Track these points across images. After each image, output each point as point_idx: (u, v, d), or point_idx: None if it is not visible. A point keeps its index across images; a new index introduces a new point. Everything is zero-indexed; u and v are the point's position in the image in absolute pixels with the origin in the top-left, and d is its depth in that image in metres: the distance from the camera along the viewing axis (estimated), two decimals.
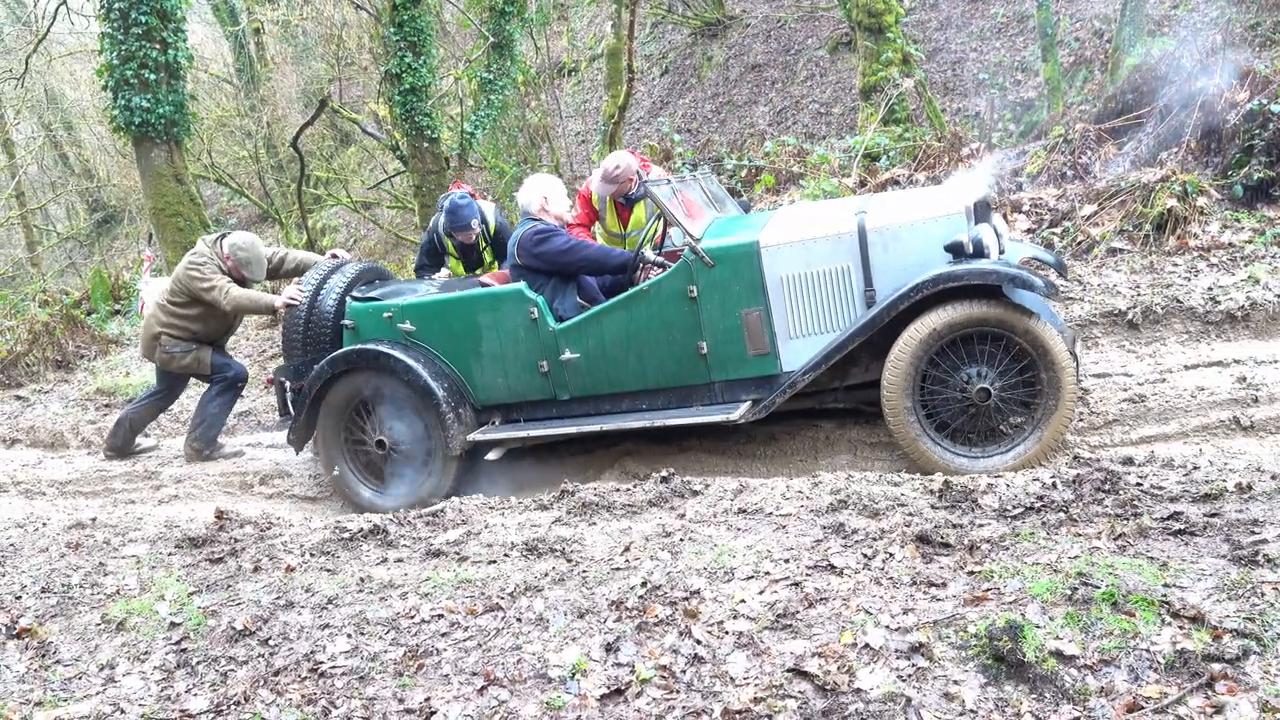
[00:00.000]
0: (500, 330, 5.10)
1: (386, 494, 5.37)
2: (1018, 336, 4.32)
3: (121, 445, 6.87)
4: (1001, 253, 4.56)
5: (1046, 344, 4.29)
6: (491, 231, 6.33)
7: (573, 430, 5.01)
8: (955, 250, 4.40)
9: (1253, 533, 2.89)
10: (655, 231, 5.29)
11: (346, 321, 5.44)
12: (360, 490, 5.43)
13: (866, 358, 4.67)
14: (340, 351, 5.35)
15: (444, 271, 6.35)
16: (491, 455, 5.26)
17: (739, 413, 4.66)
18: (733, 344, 4.76)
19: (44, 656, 3.20)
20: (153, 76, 10.59)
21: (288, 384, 5.61)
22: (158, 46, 10.61)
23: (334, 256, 6.12)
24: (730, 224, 5.11)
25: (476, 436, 5.16)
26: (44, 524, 4.88)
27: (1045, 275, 4.89)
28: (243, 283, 6.32)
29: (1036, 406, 4.39)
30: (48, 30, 13.84)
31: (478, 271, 6.41)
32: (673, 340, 4.83)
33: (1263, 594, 2.52)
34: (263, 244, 6.48)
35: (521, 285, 5.09)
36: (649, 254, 5.13)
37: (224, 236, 6.36)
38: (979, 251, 4.37)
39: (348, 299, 5.51)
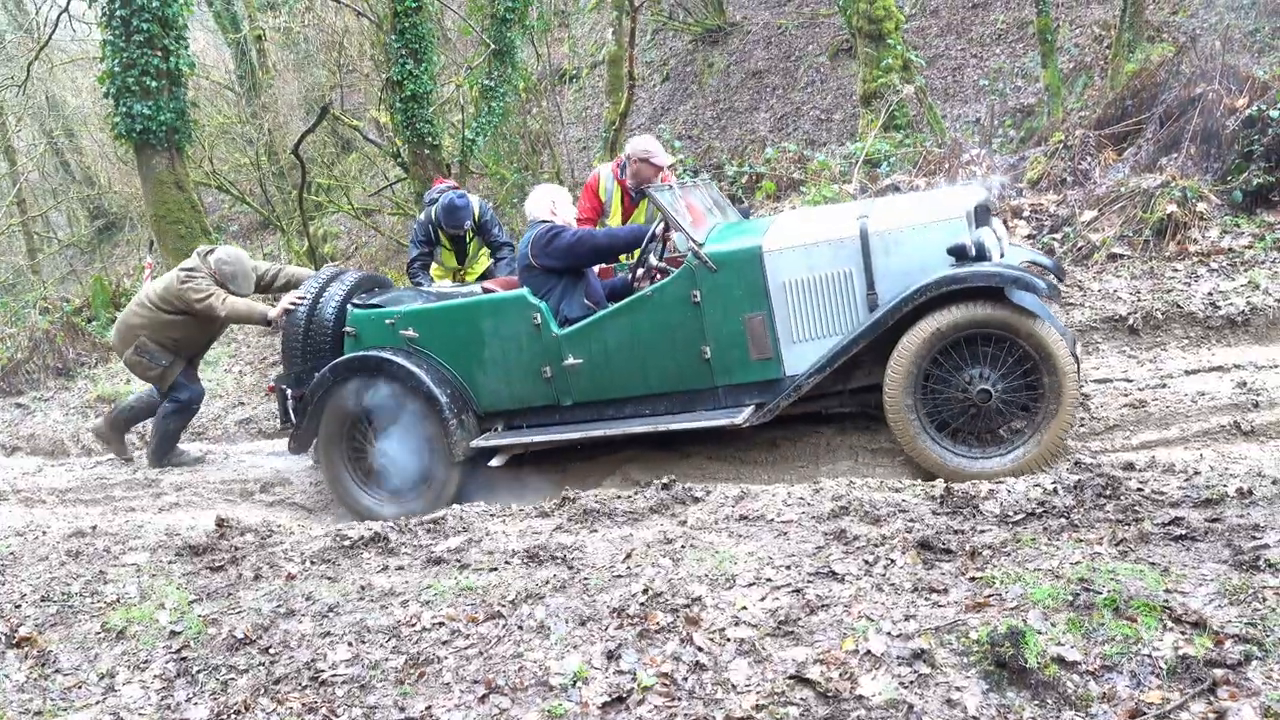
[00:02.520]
0: (503, 337, 5.09)
1: (387, 501, 5.35)
2: (1020, 339, 4.32)
3: (107, 431, 6.91)
4: (1001, 256, 4.58)
5: (1049, 347, 4.29)
6: (477, 221, 6.62)
7: (577, 436, 5.00)
8: (958, 253, 4.41)
9: (1254, 538, 2.88)
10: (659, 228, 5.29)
11: (348, 329, 5.44)
12: (361, 498, 5.40)
13: (869, 361, 4.65)
14: (343, 358, 5.34)
15: (436, 283, 6.47)
16: (495, 462, 5.24)
17: (743, 417, 4.65)
18: (736, 348, 4.75)
19: (44, 665, 3.19)
20: (154, 84, 10.60)
21: (289, 391, 5.61)
22: (159, 54, 10.61)
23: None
24: (732, 229, 5.10)
25: (480, 443, 5.14)
26: (44, 532, 4.87)
27: (1046, 278, 4.90)
28: None
29: (1037, 410, 4.39)
30: (49, 37, 13.86)
31: (471, 269, 6.80)
32: (676, 345, 4.82)
33: (1264, 599, 2.51)
34: (249, 260, 6.52)
35: (524, 291, 5.09)
36: (653, 259, 5.13)
37: (212, 251, 6.39)
38: (981, 254, 4.38)
39: (348, 306, 5.51)
